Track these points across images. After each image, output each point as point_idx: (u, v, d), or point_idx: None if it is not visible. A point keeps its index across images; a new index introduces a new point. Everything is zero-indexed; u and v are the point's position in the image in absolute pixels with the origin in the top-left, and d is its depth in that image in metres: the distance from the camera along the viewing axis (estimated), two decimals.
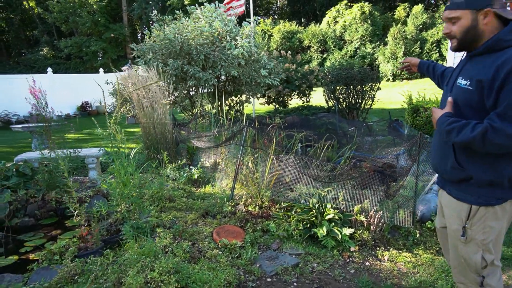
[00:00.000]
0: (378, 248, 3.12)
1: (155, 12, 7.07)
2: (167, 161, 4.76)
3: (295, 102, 10.85)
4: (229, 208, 3.58)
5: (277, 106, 10.55)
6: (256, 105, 11.77)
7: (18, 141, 9.49)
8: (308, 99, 10.42)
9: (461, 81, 1.64)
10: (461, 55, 1.79)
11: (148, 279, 2.12)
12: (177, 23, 6.86)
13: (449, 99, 1.71)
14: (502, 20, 1.56)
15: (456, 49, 1.70)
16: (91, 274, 2.21)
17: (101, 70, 17.02)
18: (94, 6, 26.60)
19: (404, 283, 2.65)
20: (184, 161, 4.84)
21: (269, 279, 2.66)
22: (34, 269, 2.44)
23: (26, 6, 30.01)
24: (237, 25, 7.03)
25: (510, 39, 1.50)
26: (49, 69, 15.04)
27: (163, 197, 3.80)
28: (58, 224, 3.63)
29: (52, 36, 30.41)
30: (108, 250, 2.47)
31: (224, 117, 5.27)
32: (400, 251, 3.08)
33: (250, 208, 3.55)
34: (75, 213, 2.88)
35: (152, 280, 2.12)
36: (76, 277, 2.23)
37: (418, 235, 3.26)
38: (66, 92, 15.35)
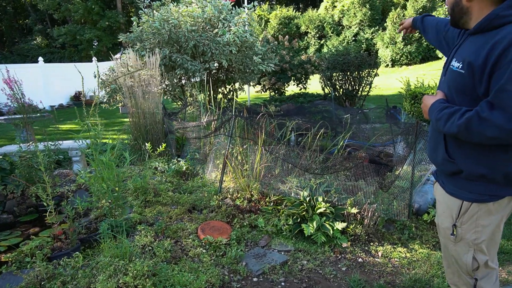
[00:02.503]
0: (371, 243, 2.97)
1: None
2: (153, 152, 4.57)
3: (291, 89, 10.62)
4: (216, 202, 3.41)
5: (273, 93, 10.31)
6: (252, 93, 11.53)
7: (7, 133, 9.29)
8: (305, 86, 10.18)
9: (454, 63, 1.45)
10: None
11: (120, 284, 1.96)
12: (166, 8, 6.59)
13: (438, 91, 1.54)
14: None
15: (451, 25, 1.56)
16: (60, 279, 2.05)
17: (94, 59, 16.67)
18: None
19: (398, 281, 2.50)
20: (163, 145, 4.65)
21: (255, 279, 2.51)
22: (3, 272, 2.29)
23: None
24: (231, 11, 6.75)
25: (508, 15, 1.28)
26: (40, 59, 14.68)
27: (147, 191, 3.63)
28: (38, 221, 3.47)
29: (45, 25, 29.83)
30: (78, 252, 2.30)
31: (213, 106, 5.06)
32: (395, 246, 2.93)
33: (238, 202, 3.39)
34: (48, 211, 2.71)
35: (125, 285, 1.96)
36: (43, 283, 2.08)
37: (414, 228, 3.11)
38: (58, 81, 15.04)
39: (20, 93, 4.09)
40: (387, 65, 19.81)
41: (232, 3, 7.01)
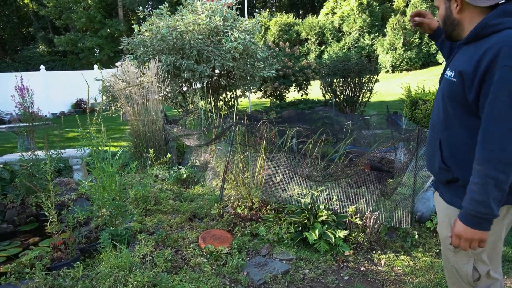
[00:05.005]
0: (374, 252, 2.94)
1: (140, 8, 6.87)
2: (154, 160, 4.56)
3: (292, 95, 10.63)
4: (217, 210, 3.39)
5: (274, 100, 10.33)
6: (253, 100, 11.55)
7: (9, 141, 9.30)
8: (306, 92, 10.19)
9: (448, 73, 1.48)
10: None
11: None
12: (166, 16, 6.64)
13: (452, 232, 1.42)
14: (488, 7, 1.37)
15: (445, 38, 1.57)
16: None
17: (95, 66, 16.75)
18: (89, 1, 26.20)
19: None
20: (168, 156, 4.65)
21: None
22: (2, 284, 2.26)
23: (21, 3, 29.64)
24: (235, 19, 6.82)
25: (497, 24, 1.30)
26: (42, 67, 14.77)
27: (148, 200, 3.62)
28: (38, 231, 3.45)
29: (47, 33, 30.09)
30: (78, 263, 2.28)
31: (213, 113, 5.06)
32: (398, 254, 2.90)
33: (239, 210, 3.36)
34: (49, 220, 2.70)
35: None
36: None
37: (416, 236, 3.07)
38: (60, 89, 15.11)
39: (30, 102, 4.09)
40: (388, 71, 19.84)
41: (236, 8, 7.06)
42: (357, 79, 8.36)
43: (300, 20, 26.26)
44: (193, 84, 7.06)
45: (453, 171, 1.46)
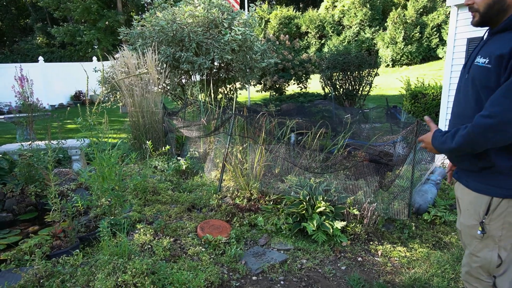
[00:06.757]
0: (371, 242, 2.97)
1: None
2: (152, 151, 4.57)
3: (292, 89, 10.61)
4: (216, 201, 3.41)
5: (273, 93, 10.31)
6: (252, 93, 11.53)
7: (8, 132, 9.29)
8: (305, 85, 10.17)
9: (480, 60, 1.48)
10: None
11: (119, 282, 1.96)
12: (170, 8, 6.61)
13: (426, 118, 1.68)
14: None
15: (477, 24, 1.56)
16: (59, 277, 2.05)
17: (94, 58, 16.67)
18: None
19: (398, 280, 2.50)
20: (168, 147, 4.65)
21: (254, 278, 2.50)
22: (2, 270, 2.28)
23: None
24: (233, 11, 6.80)
25: None
26: (41, 58, 14.69)
27: (147, 190, 3.63)
28: (37, 220, 3.46)
29: (46, 24, 29.84)
30: (77, 250, 2.30)
31: (213, 105, 5.06)
32: (395, 245, 2.93)
33: (237, 201, 3.38)
34: (52, 209, 2.71)
35: (124, 283, 1.96)
36: (42, 281, 2.07)
37: (413, 227, 3.10)
38: (58, 81, 15.05)
39: (29, 92, 4.09)
40: (388, 65, 19.78)
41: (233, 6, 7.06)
42: (356, 72, 8.35)
43: (300, 13, 26.09)
44: (192, 76, 7.05)
45: (490, 157, 1.47)
